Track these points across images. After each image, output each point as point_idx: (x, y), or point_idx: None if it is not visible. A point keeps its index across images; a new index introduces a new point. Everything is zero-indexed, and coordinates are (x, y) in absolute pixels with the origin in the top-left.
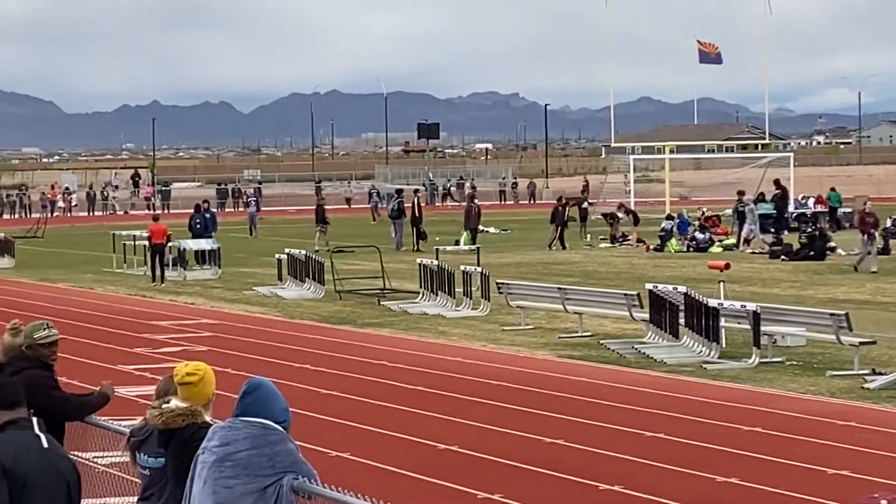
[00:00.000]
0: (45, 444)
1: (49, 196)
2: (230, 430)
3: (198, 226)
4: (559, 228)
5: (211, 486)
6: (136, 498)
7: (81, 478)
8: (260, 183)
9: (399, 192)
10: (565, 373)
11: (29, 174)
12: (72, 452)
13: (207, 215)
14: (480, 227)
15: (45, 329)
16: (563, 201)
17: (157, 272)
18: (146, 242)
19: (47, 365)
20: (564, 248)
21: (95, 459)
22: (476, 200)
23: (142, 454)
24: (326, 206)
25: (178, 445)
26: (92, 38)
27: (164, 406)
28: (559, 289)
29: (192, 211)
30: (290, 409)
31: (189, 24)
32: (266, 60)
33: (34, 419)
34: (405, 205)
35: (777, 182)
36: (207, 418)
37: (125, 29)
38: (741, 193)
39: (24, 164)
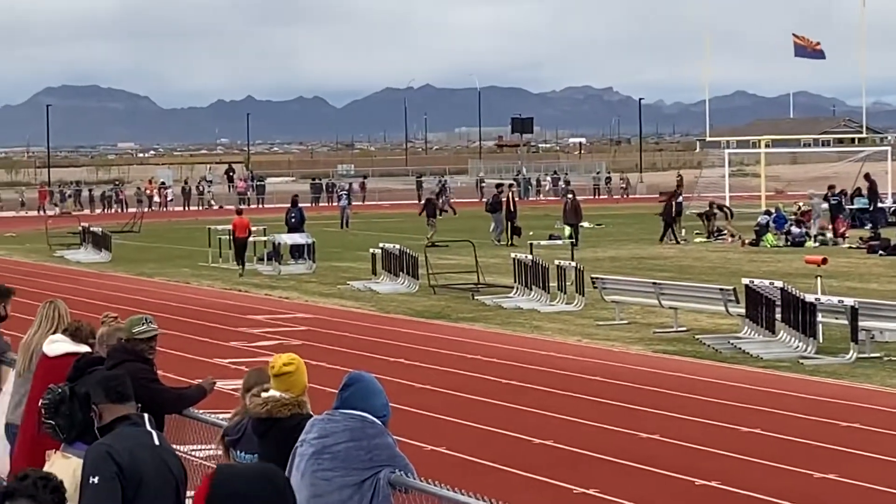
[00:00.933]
0: (157, 442)
1: (146, 191)
2: (329, 422)
3: (293, 220)
4: (668, 223)
5: (309, 479)
6: None
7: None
8: (365, 177)
9: (499, 186)
10: (660, 368)
11: (125, 169)
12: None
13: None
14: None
15: (143, 324)
16: (675, 192)
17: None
18: (230, 236)
19: (146, 359)
20: (677, 242)
21: (192, 452)
22: (570, 196)
23: (237, 451)
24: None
25: (279, 434)
26: (187, 33)
27: (267, 395)
28: (654, 283)
29: (286, 205)
30: None
31: (284, 20)
32: (360, 55)
33: (145, 415)
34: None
35: (867, 176)
36: (309, 409)
37: (220, 24)
38: (831, 188)
39: (120, 158)
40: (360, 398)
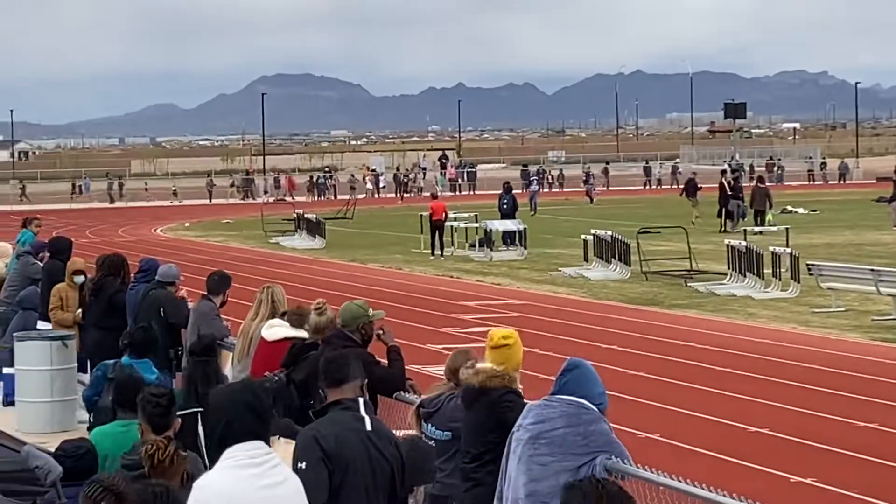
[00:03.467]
0: (369, 427)
1: (364, 177)
2: (546, 407)
3: (505, 206)
4: None
5: (525, 464)
6: None
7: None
8: (597, 171)
9: (724, 172)
10: (879, 356)
11: (338, 156)
12: None
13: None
14: (789, 208)
15: (362, 310)
16: None
17: (437, 246)
18: (428, 218)
19: (364, 342)
20: None
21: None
22: (763, 183)
23: (429, 425)
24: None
25: (485, 405)
26: (399, 21)
27: (480, 366)
28: (872, 270)
29: (497, 192)
30: None
31: (495, 6)
32: (570, 41)
33: (360, 400)
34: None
35: None
36: (519, 387)
37: (432, 12)
38: None
39: (334, 146)
40: (578, 385)
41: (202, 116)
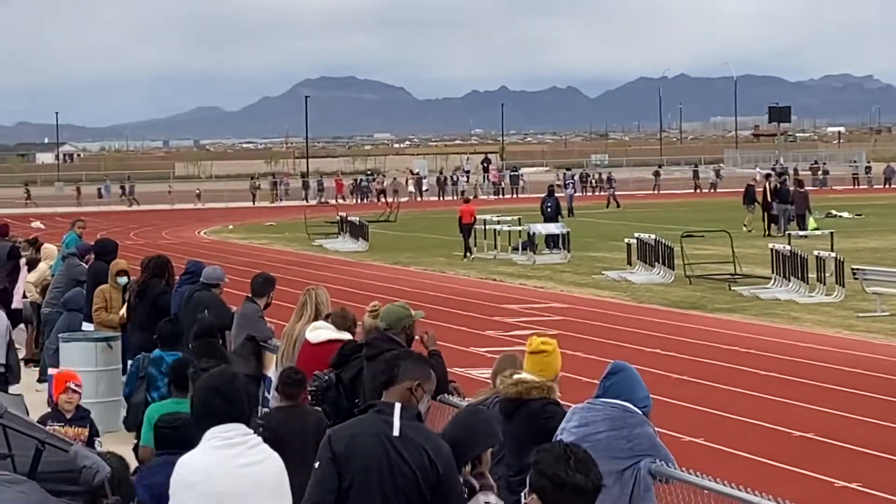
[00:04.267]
0: (396, 433)
1: (406, 180)
2: (590, 410)
3: (548, 209)
4: None
5: None
6: None
7: (454, 465)
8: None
9: (768, 176)
10: None
11: (381, 159)
12: None
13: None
14: (833, 212)
15: (404, 311)
16: None
17: (467, 248)
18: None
19: (408, 343)
20: None
21: None
22: (801, 187)
23: None
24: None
25: (525, 416)
26: (442, 25)
27: (519, 377)
28: None
29: (541, 195)
30: None
31: (537, 10)
32: (614, 45)
33: (397, 405)
34: (756, 189)
35: None
36: (558, 395)
37: (475, 15)
38: None
39: (377, 149)
40: (623, 388)
41: (246, 119)
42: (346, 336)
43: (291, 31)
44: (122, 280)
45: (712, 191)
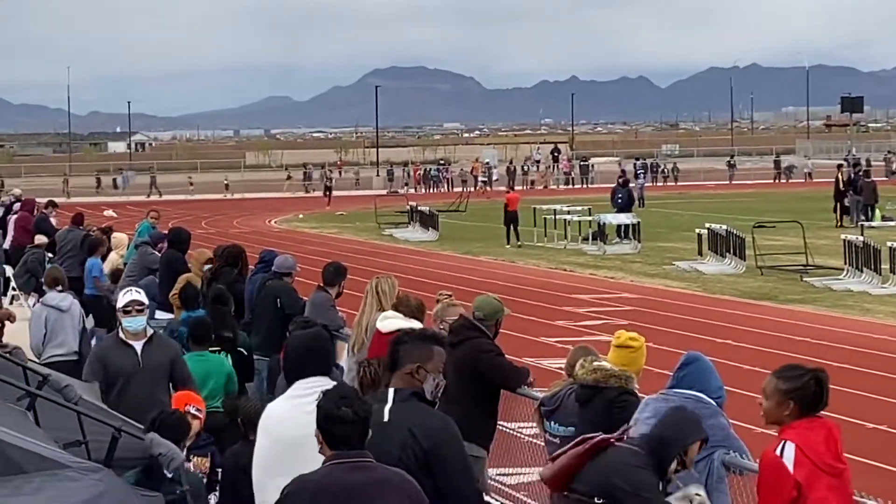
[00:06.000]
0: (386, 417)
1: (472, 171)
2: (663, 401)
3: (619, 200)
4: None
5: None
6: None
7: (451, 439)
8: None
9: (840, 166)
10: None
11: (451, 149)
12: (500, 423)
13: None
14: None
15: (497, 303)
16: None
17: (512, 236)
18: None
19: (495, 335)
20: None
21: (520, 430)
22: (868, 177)
23: (552, 422)
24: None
25: (600, 405)
26: (512, 15)
27: (598, 364)
28: None
29: (611, 185)
30: None
31: (608, 0)
32: (684, 35)
33: (390, 391)
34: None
35: None
36: (636, 387)
37: (545, 5)
38: None
39: (446, 139)
40: (696, 379)
41: (316, 109)
42: (416, 324)
43: (362, 22)
44: (209, 269)
45: (808, 179)
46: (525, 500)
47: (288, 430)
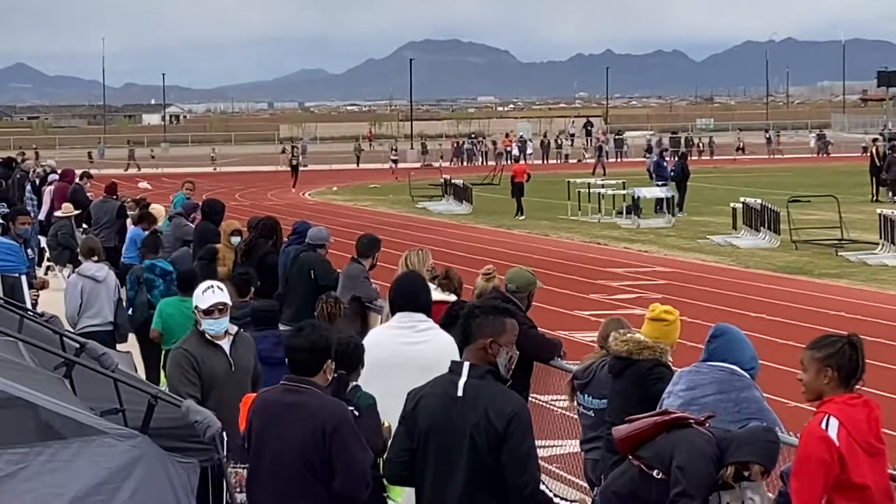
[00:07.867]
0: (460, 393)
1: (504, 145)
2: (697, 374)
3: (672, 172)
4: None
5: None
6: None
7: (521, 424)
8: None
9: (875, 140)
10: None
11: (485, 122)
12: (532, 395)
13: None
14: None
15: (532, 276)
16: None
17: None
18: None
19: (523, 308)
20: None
21: (553, 402)
22: (891, 149)
23: (585, 395)
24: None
25: (633, 376)
26: None
27: (631, 335)
28: None
29: (645, 159)
30: None
31: None
32: (720, 8)
33: (465, 364)
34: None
35: None
36: (670, 360)
37: None
38: None
39: (480, 112)
40: (728, 350)
41: (350, 82)
42: (452, 297)
43: None
44: (236, 240)
45: (865, 154)
46: (558, 473)
47: (383, 354)
